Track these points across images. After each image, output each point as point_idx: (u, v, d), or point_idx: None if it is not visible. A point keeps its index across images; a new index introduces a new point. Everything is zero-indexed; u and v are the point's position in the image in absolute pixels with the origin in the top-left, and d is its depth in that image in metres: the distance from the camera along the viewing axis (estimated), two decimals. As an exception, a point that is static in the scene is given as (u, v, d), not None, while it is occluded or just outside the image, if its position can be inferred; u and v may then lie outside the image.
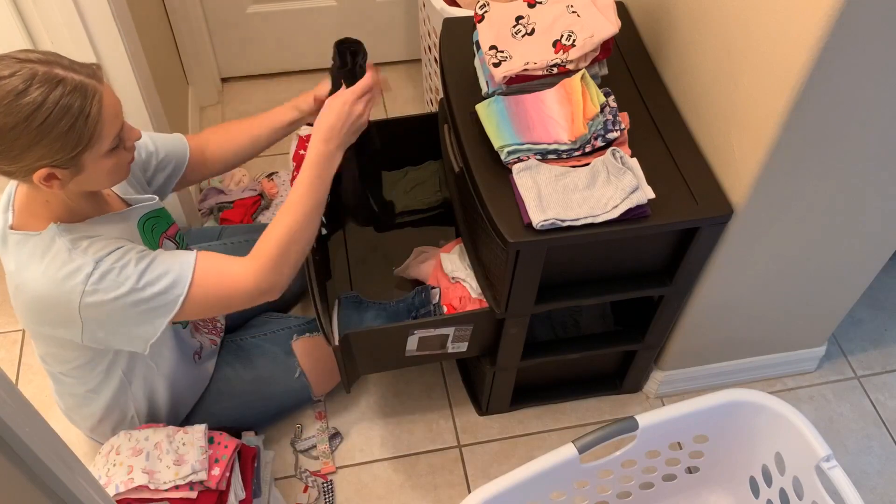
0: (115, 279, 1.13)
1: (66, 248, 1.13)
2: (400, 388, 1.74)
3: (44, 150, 1.04)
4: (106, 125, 1.08)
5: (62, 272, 1.12)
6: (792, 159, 1.19)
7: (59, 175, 1.08)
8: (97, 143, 1.08)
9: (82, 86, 1.04)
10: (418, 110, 2.31)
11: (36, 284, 1.14)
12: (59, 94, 1.02)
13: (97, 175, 1.13)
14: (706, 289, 1.44)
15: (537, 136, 1.27)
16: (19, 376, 1.75)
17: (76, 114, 1.03)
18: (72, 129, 1.04)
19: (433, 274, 1.58)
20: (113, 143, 1.11)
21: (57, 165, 1.06)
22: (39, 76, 1.01)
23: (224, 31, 2.26)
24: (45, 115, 1.01)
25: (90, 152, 1.08)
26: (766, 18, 1.11)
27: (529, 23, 1.33)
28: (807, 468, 1.26)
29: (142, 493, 1.31)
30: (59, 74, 1.03)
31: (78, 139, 1.05)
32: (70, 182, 1.10)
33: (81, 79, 1.05)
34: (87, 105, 1.04)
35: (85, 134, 1.05)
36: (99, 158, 1.10)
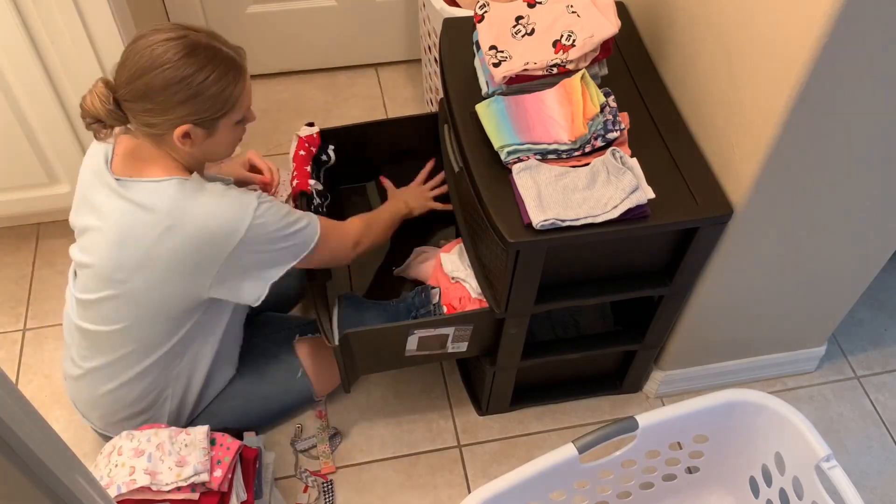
0: (273, 213, 1.27)
1: (223, 189, 1.26)
2: (400, 388, 1.74)
3: (194, 107, 1.19)
4: (244, 98, 1.25)
5: (230, 205, 1.24)
6: (792, 159, 1.19)
7: (194, 135, 1.22)
8: (234, 112, 1.24)
9: (234, 60, 1.22)
10: (418, 110, 2.31)
11: (202, 217, 1.23)
12: (219, 61, 1.20)
13: (222, 142, 1.28)
14: (706, 289, 1.44)
15: (537, 136, 1.27)
16: (19, 376, 1.75)
17: (228, 81, 1.21)
18: (222, 94, 1.20)
19: (433, 274, 1.59)
20: (243, 115, 1.27)
21: (199, 124, 1.21)
22: (203, 44, 1.19)
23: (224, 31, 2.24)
24: (206, 75, 1.18)
25: (227, 118, 1.24)
26: (766, 18, 1.11)
27: (529, 23, 1.33)
28: (807, 468, 1.26)
29: (144, 494, 1.31)
30: (217, 47, 1.21)
31: (223, 103, 1.22)
32: (200, 143, 1.24)
33: (232, 54, 1.23)
34: (237, 77, 1.22)
35: (231, 99, 1.22)
36: (230, 127, 1.26)
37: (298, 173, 1.58)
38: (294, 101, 2.36)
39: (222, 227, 1.23)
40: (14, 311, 1.86)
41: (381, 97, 2.38)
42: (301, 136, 1.64)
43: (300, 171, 1.59)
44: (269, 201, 1.27)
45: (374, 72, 2.45)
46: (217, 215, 1.23)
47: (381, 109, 2.34)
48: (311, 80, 2.41)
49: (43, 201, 1.84)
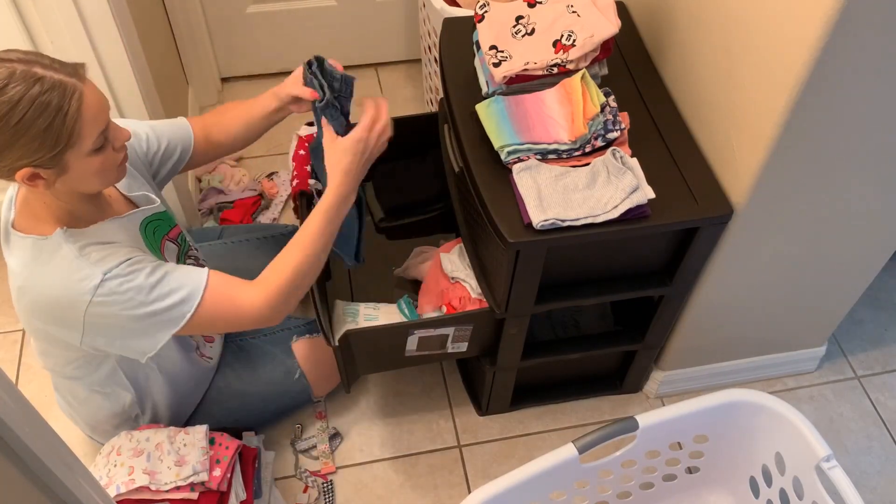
0: (122, 292, 1.14)
1: (74, 255, 1.13)
2: (400, 388, 1.74)
3: (23, 150, 1.03)
4: (87, 124, 1.06)
5: (69, 280, 1.13)
6: (792, 159, 1.19)
7: (44, 175, 1.07)
8: (78, 143, 1.06)
9: (61, 84, 1.03)
10: (418, 110, 2.31)
11: (41, 288, 1.15)
12: (37, 91, 1.01)
13: (84, 175, 1.11)
14: (706, 289, 1.44)
15: (537, 136, 1.27)
16: (19, 376, 1.75)
17: (54, 112, 1.02)
18: (50, 128, 1.03)
19: (433, 274, 1.58)
20: (97, 143, 1.09)
21: (39, 165, 1.05)
22: (17, 74, 1.01)
23: (224, 31, 2.26)
24: (21, 113, 1.01)
25: (72, 151, 1.07)
26: (766, 18, 1.11)
27: (529, 23, 1.33)
28: (807, 468, 1.26)
29: (143, 493, 1.31)
30: (37, 73, 1.02)
31: (57, 138, 1.04)
32: (56, 182, 1.10)
33: (60, 77, 1.04)
34: (64, 103, 1.03)
35: (63, 132, 1.04)
36: (83, 158, 1.09)
37: (298, 173, 1.58)
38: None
39: (63, 301, 1.14)
40: (14, 311, 1.85)
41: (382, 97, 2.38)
42: (301, 136, 1.64)
43: (300, 171, 1.59)
44: (117, 278, 1.13)
45: (374, 72, 2.45)
46: (57, 287, 1.14)
47: (381, 109, 2.34)
48: (310, 80, 2.41)
49: (43, 201, 1.84)
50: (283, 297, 1.25)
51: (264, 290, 1.24)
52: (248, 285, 1.24)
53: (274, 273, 1.25)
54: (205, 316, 1.20)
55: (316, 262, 1.28)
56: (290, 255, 1.26)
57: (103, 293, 1.13)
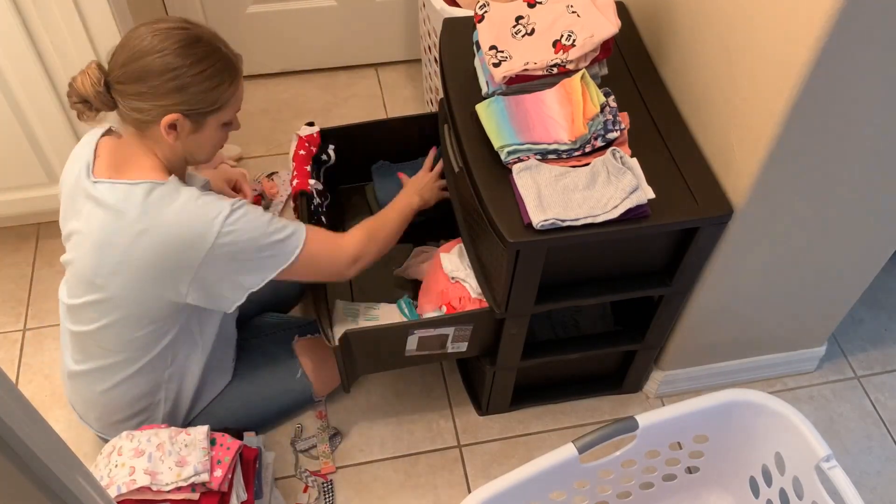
0: (248, 221, 1.24)
1: (197, 195, 1.23)
2: (400, 388, 1.74)
3: (187, 96, 1.19)
4: (236, 100, 1.26)
5: (200, 213, 1.21)
6: (792, 159, 1.19)
7: (180, 127, 1.21)
8: (223, 112, 1.24)
9: (233, 63, 1.24)
10: (418, 110, 2.31)
11: (170, 227, 1.21)
12: (217, 59, 1.21)
13: (206, 141, 1.27)
14: (706, 289, 1.44)
15: (537, 136, 1.27)
16: (19, 376, 1.75)
17: (225, 78, 1.21)
18: (217, 88, 1.21)
19: (433, 274, 1.58)
20: (230, 118, 1.27)
21: (187, 116, 1.20)
22: (205, 39, 1.20)
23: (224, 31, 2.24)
24: (202, 68, 1.18)
25: (216, 116, 1.24)
26: (765, 18, 1.11)
27: (529, 23, 1.33)
28: (807, 468, 1.26)
29: (144, 494, 1.31)
30: (218, 47, 1.22)
31: (216, 98, 1.21)
32: (185, 137, 1.23)
33: (233, 58, 1.24)
34: (234, 76, 1.23)
35: (223, 97, 1.22)
36: (216, 127, 1.26)
37: (298, 173, 1.58)
38: (294, 101, 2.36)
39: (192, 234, 1.21)
40: (14, 311, 1.86)
41: (381, 97, 2.38)
42: (301, 136, 1.64)
43: (300, 171, 1.59)
44: (243, 207, 1.24)
45: (374, 72, 2.45)
46: (186, 222, 1.21)
47: (381, 109, 2.34)
48: (311, 80, 2.41)
49: (43, 201, 1.84)
50: (368, 243, 1.42)
51: (353, 234, 1.42)
52: (339, 234, 1.42)
53: (361, 225, 1.44)
54: (309, 253, 1.31)
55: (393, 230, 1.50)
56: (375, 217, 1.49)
57: (232, 221, 1.22)
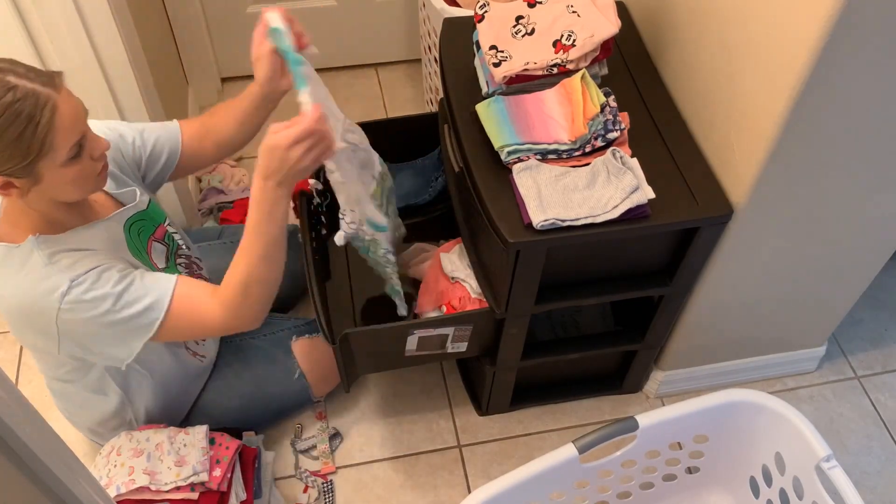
0: (90, 299, 1.12)
1: (43, 262, 1.12)
2: (400, 388, 1.74)
3: None
4: (60, 134, 1.04)
5: (38, 288, 1.11)
6: (792, 159, 1.19)
7: (17, 184, 1.06)
8: (51, 153, 1.04)
9: (34, 93, 1.01)
10: (418, 110, 2.31)
11: (13, 296, 1.13)
12: (9, 100, 0.99)
13: (59, 185, 1.10)
14: (706, 289, 1.44)
15: (537, 136, 1.27)
16: (19, 376, 1.75)
17: (25, 121, 1.00)
18: (20, 138, 1.01)
19: (433, 274, 1.58)
20: (71, 153, 1.06)
21: (11, 174, 1.04)
22: None
23: (224, 31, 2.26)
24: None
25: (45, 162, 1.04)
26: (765, 18, 1.11)
27: (529, 23, 1.33)
28: (807, 468, 1.26)
29: (143, 493, 1.31)
30: (10, 81, 1.00)
31: (28, 148, 1.02)
32: (31, 191, 1.09)
33: (34, 87, 1.01)
34: (36, 112, 1.01)
35: (35, 143, 1.02)
36: (57, 168, 1.06)
37: None
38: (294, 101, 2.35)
39: (33, 308, 1.13)
40: (14, 311, 1.86)
41: (381, 97, 2.38)
42: None
43: (300, 171, 1.59)
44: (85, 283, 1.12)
45: (374, 72, 2.45)
46: (24, 294, 1.12)
47: (381, 109, 2.34)
48: (310, 80, 2.41)
49: (43, 201, 1.84)
50: (240, 307, 1.20)
51: (222, 299, 1.20)
52: (212, 293, 1.21)
53: (227, 282, 1.21)
54: (174, 323, 1.18)
55: (264, 265, 1.20)
56: (236, 263, 1.20)
57: (71, 300, 1.11)
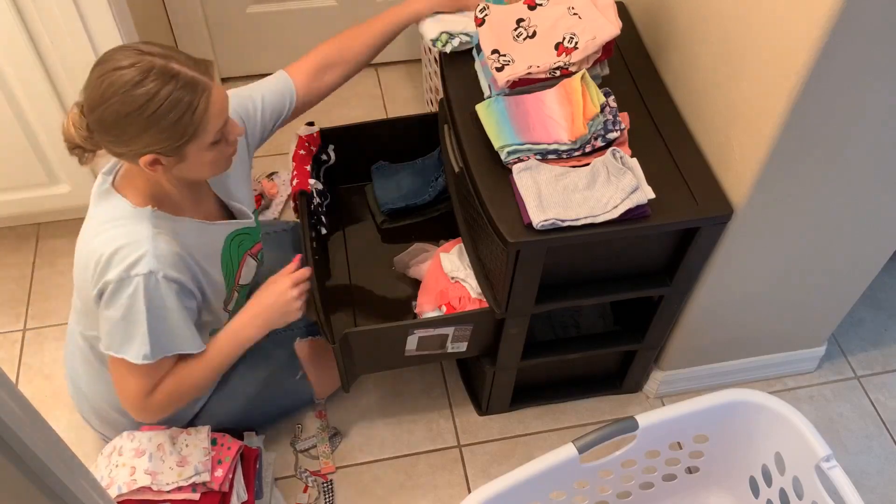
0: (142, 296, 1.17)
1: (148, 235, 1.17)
2: (400, 388, 1.74)
3: (152, 138, 1.11)
4: (211, 120, 1.14)
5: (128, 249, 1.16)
6: (792, 159, 1.19)
7: (164, 161, 1.14)
8: (201, 136, 1.14)
9: (194, 81, 1.11)
10: (418, 110, 2.31)
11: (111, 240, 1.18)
12: (172, 87, 1.08)
13: (198, 165, 1.19)
14: (706, 289, 1.44)
15: (537, 136, 1.27)
16: (19, 376, 1.75)
17: (185, 107, 1.10)
18: (179, 121, 1.10)
19: (433, 274, 1.58)
20: (216, 137, 1.17)
21: (162, 153, 1.13)
22: (156, 69, 1.08)
23: (224, 31, 2.26)
24: (156, 106, 1.08)
25: (194, 144, 1.14)
26: (765, 19, 1.11)
27: (531, 25, 1.33)
28: (807, 468, 1.26)
29: (144, 494, 1.31)
30: (174, 69, 1.09)
31: (184, 131, 1.12)
32: (173, 169, 1.17)
33: (194, 75, 1.11)
34: (195, 100, 1.11)
35: (191, 127, 1.12)
36: (202, 150, 1.16)
37: (298, 173, 1.58)
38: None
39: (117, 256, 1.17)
40: (14, 311, 1.86)
41: (381, 97, 2.38)
42: (301, 136, 1.64)
43: (300, 171, 1.59)
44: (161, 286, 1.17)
45: (374, 72, 2.45)
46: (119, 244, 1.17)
47: (381, 109, 2.34)
48: (310, 80, 2.41)
49: (43, 201, 1.84)
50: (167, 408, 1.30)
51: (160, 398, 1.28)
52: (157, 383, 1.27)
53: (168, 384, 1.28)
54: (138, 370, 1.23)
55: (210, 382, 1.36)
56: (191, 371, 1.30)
57: (134, 280, 1.16)
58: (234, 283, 1.36)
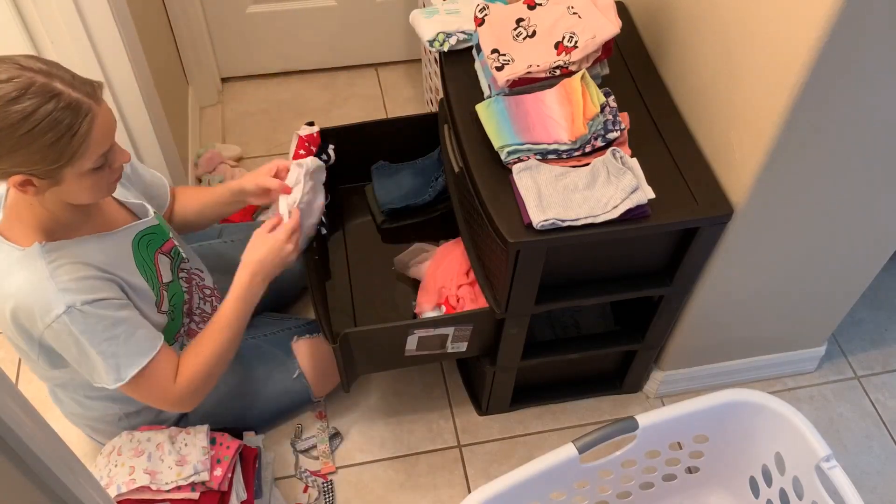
0: (77, 330, 1.13)
1: (46, 275, 1.12)
2: (400, 388, 1.74)
3: (23, 158, 1.03)
4: (92, 145, 1.06)
5: (33, 298, 1.12)
6: (792, 159, 1.19)
7: (36, 183, 1.07)
8: (80, 161, 1.06)
9: (77, 103, 1.03)
10: (418, 110, 2.31)
11: (5, 298, 1.14)
12: (52, 107, 1.01)
13: (75, 190, 1.12)
14: (706, 289, 1.44)
15: (537, 136, 1.27)
16: (19, 376, 1.75)
17: (64, 130, 1.02)
18: (56, 144, 1.03)
19: (432, 273, 1.58)
20: (97, 163, 1.09)
21: (34, 174, 1.05)
22: (36, 86, 1.01)
23: (224, 31, 2.26)
24: (31, 126, 1.00)
25: (71, 168, 1.07)
26: (765, 18, 1.11)
27: (530, 25, 1.33)
28: (807, 468, 1.26)
29: (143, 493, 1.31)
30: (56, 88, 1.02)
31: (60, 154, 1.04)
32: (47, 192, 1.10)
33: (78, 96, 1.04)
34: (76, 123, 1.03)
35: (68, 150, 1.04)
36: (80, 175, 1.09)
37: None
38: (294, 101, 2.36)
39: (21, 314, 1.13)
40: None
41: (381, 97, 2.38)
42: (301, 136, 1.64)
43: (300, 171, 1.59)
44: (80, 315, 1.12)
45: (374, 72, 2.45)
46: (18, 300, 1.12)
47: (381, 109, 2.34)
48: (311, 80, 2.41)
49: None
50: (197, 390, 1.28)
51: (180, 380, 1.26)
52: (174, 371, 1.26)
53: (190, 362, 1.27)
54: (133, 386, 1.21)
55: (229, 349, 1.32)
56: (204, 345, 1.29)
57: (60, 323, 1.12)
58: (158, 284, 1.31)
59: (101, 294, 1.16)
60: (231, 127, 2.29)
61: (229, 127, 2.29)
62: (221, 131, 2.27)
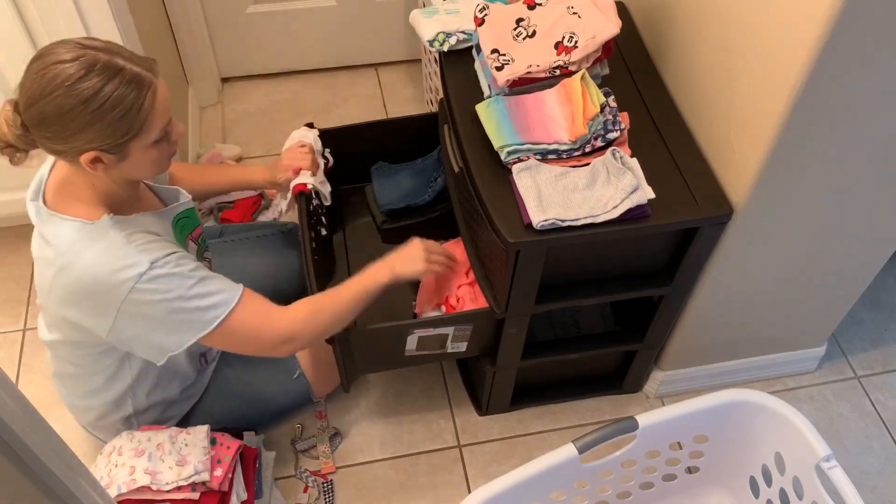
0: (166, 283, 1.15)
1: (123, 241, 1.15)
2: (400, 388, 1.74)
3: (95, 134, 1.08)
4: (156, 117, 1.12)
5: (115, 264, 1.14)
6: (792, 159, 1.19)
7: (105, 160, 1.11)
8: (145, 133, 1.12)
9: (139, 77, 1.08)
10: (418, 110, 2.31)
11: (84, 270, 1.15)
12: (117, 83, 1.06)
13: (141, 164, 1.16)
14: (706, 289, 1.44)
15: (537, 136, 1.27)
16: (19, 376, 1.75)
17: (130, 104, 1.07)
18: (124, 118, 1.08)
19: (433, 274, 1.58)
20: (159, 135, 1.14)
21: (105, 150, 1.10)
22: (101, 64, 1.05)
23: (224, 31, 2.26)
24: (100, 102, 1.05)
25: (137, 141, 1.12)
26: (765, 18, 1.11)
27: (530, 25, 1.33)
28: (807, 468, 1.26)
29: (144, 493, 1.31)
30: (118, 64, 1.07)
31: (128, 127, 1.09)
32: (115, 168, 1.14)
33: (139, 70, 1.09)
34: (140, 96, 1.08)
35: (136, 123, 1.09)
36: (145, 148, 1.14)
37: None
38: (294, 101, 2.36)
39: (103, 283, 1.14)
40: (14, 311, 1.86)
41: (381, 97, 2.38)
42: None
43: (300, 171, 1.59)
44: (167, 266, 1.15)
45: (374, 72, 2.45)
46: (101, 267, 1.13)
47: (381, 109, 2.34)
48: (311, 80, 2.41)
49: (43, 201, 1.84)
50: (306, 324, 1.29)
51: (292, 311, 1.29)
52: (280, 307, 1.28)
53: (307, 302, 1.31)
54: (233, 325, 1.21)
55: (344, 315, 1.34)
56: (327, 297, 1.33)
57: (146, 280, 1.14)
58: None
59: (179, 250, 1.20)
60: (231, 127, 2.29)
61: (229, 127, 2.29)
62: (221, 131, 2.27)
